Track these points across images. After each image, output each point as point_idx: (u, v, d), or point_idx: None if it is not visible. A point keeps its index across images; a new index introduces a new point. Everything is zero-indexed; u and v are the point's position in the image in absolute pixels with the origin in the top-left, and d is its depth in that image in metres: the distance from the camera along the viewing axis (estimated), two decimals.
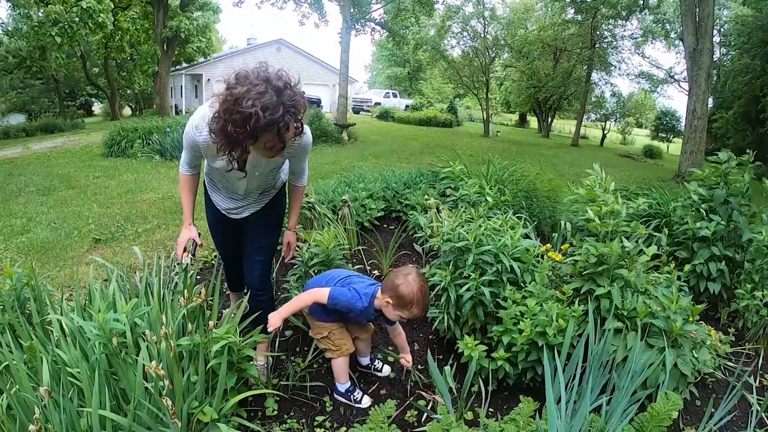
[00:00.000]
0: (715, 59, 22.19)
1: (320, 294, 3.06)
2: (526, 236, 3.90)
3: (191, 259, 3.27)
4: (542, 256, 3.88)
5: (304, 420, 3.14)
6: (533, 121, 48.25)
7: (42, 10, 23.92)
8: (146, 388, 2.48)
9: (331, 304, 3.03)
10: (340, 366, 3.29)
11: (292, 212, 3.50)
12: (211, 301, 3.25)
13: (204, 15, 35.00)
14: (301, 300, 3.14)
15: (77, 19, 23.80)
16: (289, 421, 3.10)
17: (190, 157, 3.05)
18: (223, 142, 2.43)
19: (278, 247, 3.70)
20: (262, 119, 2.26)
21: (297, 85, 2.44)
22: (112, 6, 27.46)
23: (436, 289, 3.68)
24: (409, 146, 18.44)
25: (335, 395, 3.38)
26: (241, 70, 2.39)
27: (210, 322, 2.77)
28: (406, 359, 3.39)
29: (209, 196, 3.41)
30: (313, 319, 3.21)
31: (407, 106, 40.88)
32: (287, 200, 3.59)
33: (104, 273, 4.80)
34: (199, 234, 3.31)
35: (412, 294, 2.88)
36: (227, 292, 4.10)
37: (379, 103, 40.57)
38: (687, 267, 4.19)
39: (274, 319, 2.95)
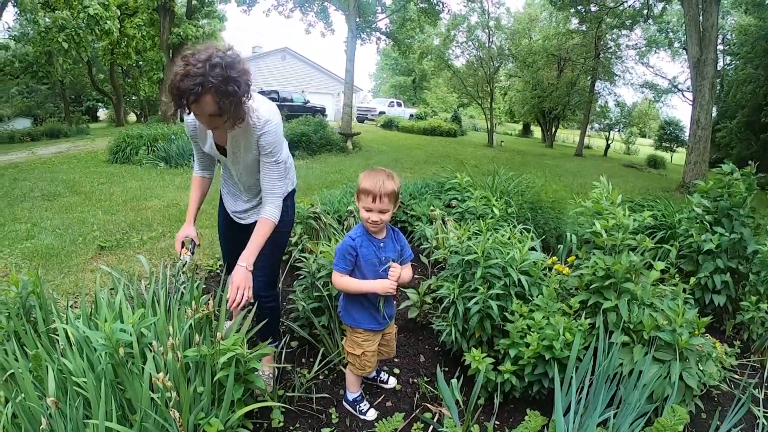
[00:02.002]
0: (718, 68, 22.18)
1: (334, 276, 3.07)
2: (533, 249, 3.88)
3: (190, 256, 3.27)
4: (549, 269, 3.87)
5: None
6: (537, 131, 48.27)
7: (49, 16, 23.96)
8: (152, 399, 2.47)
9: (337, 265, 3.02)
10: (353, 376, 3.29)
11: (249, 245, 3.04)
12: (218, 311, 3.24)
13: (210, 23, 35.11)
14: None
15: (84, 25, 23.87)
16: None
17: (196, 151, 3.32)
18: (170, 100, 2.61)
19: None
20: (177, 82, 2.49)
21: (239, 71, 2.57)
22: (119, 13, 27.54)
23: (444, 302, 3.68)
24: (413, 156, 18.45)
25: (343, 402, 3.38)
26: (201, 46, 2.60)
27: (217, 333, 2.76)
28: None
29: (221, 200, 3.56)
30: (355, 331, 3.18)
31: (411, 115, 40.88)
32: (294, 211, 3.58)
33: (109, 281, 4.80)
34: (199, 235, 3.34)
35: (363, 176, 2.90)
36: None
37: (383, 112, 40.58)
38: (692, 280, 4.18)
39: None
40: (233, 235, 3.53)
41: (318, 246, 4.15)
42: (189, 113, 2.70)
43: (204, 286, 4.21)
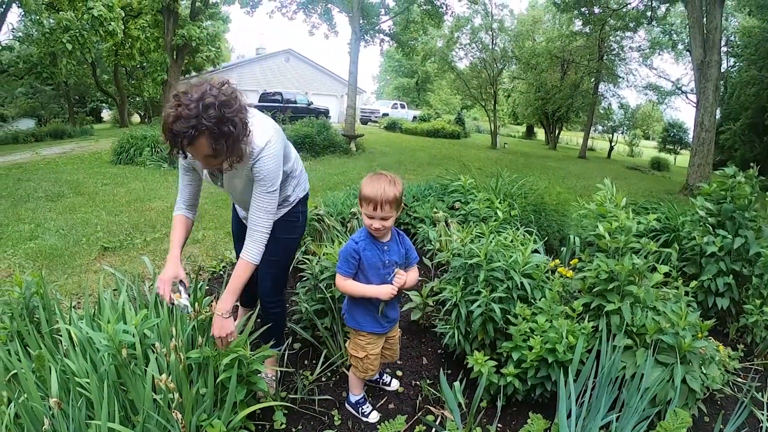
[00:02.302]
0: (722, 71, 22.17)
1: (338, 279, 3.06)
2: (536, 251, 3.87)
3: (187, 298, 2.94)
4: (552, 272, 3.86)
5: None
6: (540, 133, 48.26)
7: (53, 17, 24.03)
8: (155, 400, 2.47)
9: (341, 268, 3.01)
10: (356, 378, 3.29)
11: (228, 290, 2.92)
12: None
13: (214, 24, 35.19)
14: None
15: (88, 26, 23.93)
16: None
17: (184, 185, 3.13)
18: (164, 140, 2.52)
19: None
20: (170, 124, 2.40)
21: (234, 110, 2.49)
22: (123, 14, 27.60)
23: (446, 305, 3.68)
24: (416, 157, 18.45)
25: (346, 404, 3.38)
26: (195, 82, 2.52)
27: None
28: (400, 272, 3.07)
29: (234, 206, 3.58)
30: (358, 333, 3.18)
31: (415, 117, 40.91)
32: (306, 218, 3.53)
33: (113, 281, 4.80)
34: (188, 275, 3.14)
35: (364, 182, 2.86)
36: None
37: (387, 114, 40.63)
38: (694, 282, 4.17)
39: None
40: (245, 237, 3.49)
41: (321, 248, 4.15)
42: (185, 156, 2.66)
43: (207, 287, 4.21)
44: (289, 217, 3.27)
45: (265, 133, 2.79)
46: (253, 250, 2.91)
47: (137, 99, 43.05)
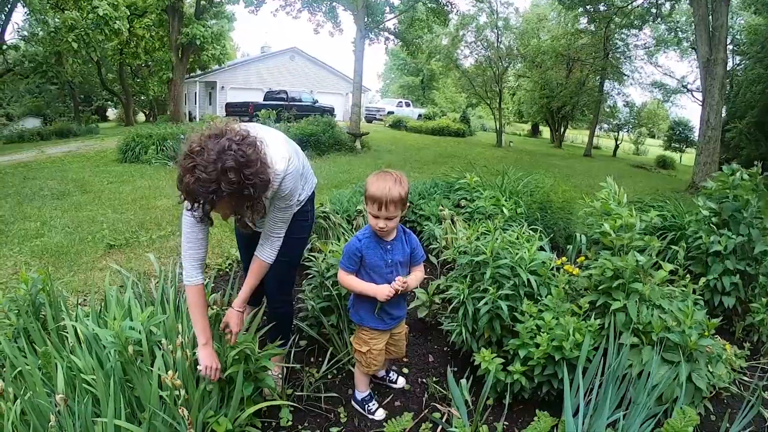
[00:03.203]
0: (728, 69, 22.09)
1: (340, 273, 3.07)
2: (541, 249, 3.86)
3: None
4: (558, 270, 3.85)
5: (318, 431, 3.12)
6: (546, 131, 48.16)
7: (58, 16, 24.07)
8: (161, 397, 2.47)
9: (343, 263, 3.02)
10: (361, 375, 3.29)
11: (243, 288, 3.02)
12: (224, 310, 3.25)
13: (219, 23, 35.20)
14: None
15: (93, 25, 23.96)
16: (303, 431, 3.08)
17: (196, 247, 2.83)
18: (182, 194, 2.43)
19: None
20: (188, 185, 2.30)
21: (254, 170, 2.37)
22: (128, 13, 27.64)
23: (453, 303, 3.67)
24: (422, 156, 18.44)
25: (352, 401, 3.38)
26: (211, 133, 2.40)
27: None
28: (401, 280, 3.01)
29: None
30: (362, 328, 3.18)
31: (420, 116, 40.87)
32: (313, 214, 3.52)
33: (118, 279, 4.81)
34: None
35: (370, 181, 2.84)
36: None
37: (392, 112, 40.60)
38: (701, 281, 4.15)
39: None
40: (249, 242, 3.42)
41: (327, 245, 4.15)
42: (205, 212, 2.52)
43: (213, 284, 4.21)
44: (300, 217, 3.23)
45: (282, 157, 2.75)
46: (270, 252, 3.00)
47: (142, 97, 43.19)
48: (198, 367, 2.66)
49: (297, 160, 2.86)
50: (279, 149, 2.76)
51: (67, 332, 2.89)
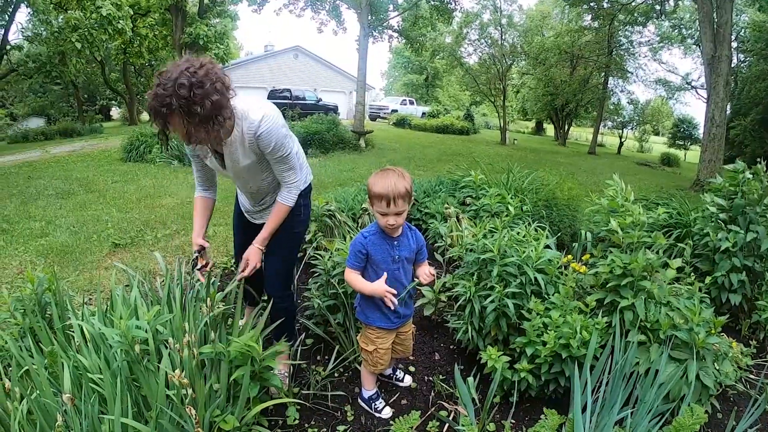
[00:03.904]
0: (732, 65, 21.99)
1: (346, 271, 3.08)
2: (547, 247, 3.85)
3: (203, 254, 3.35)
4: (565, 267, 3.84)
5: (325, 429, 3.12)
6: (550, 129, 48.11)
7: (62, 16, 24.09)
8: (168, 396, 2.46)
9: (349, 261, 3.04)
10: (368, 373, 3.29)
11: (264, 228, 3.23)
12: (233, 308, 3.25)
13: (222, 22, 35.22)
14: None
15: (96, 25, 23.98)
16: (310, 430, 3.08)
17: (196, 168, 3.34)
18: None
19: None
20: (149, 102, 2.54)
21: (206, 91, 2.51)
22: (131, 13, 27.65)
23: (460, 301, 3.66)
24: (426, 154, 18.42)
25: (359, 399, 3.38)
26: (180, 61, 2.62)
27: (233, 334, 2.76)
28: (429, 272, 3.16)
29: (237, 198, 3.62)
30: (368, 327, 3.17)
31: (424, 114, 40.87)
32: (310, 211, 3.56)
33: (124, 278, 4.81)
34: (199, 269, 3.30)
35: (372, 180, 2.86)
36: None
37: (395, 110, 40.58)
38: (708, 279, 4.13)
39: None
40: (245, 231, 3.54)
41: (333, 244, 4.14)
42: (167, 135, 2.74)
43: (219, 283, 4.21)
44: (293, 210, 3.27)
45: (260, 110, 2.85)
46: (288, 195, 3.14)
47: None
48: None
49: (278, 119, 2.92)
50: (258, 104, 2.89)
51: (73, 331, 2.89)
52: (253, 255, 3.20)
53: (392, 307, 2.92)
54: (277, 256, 3.33)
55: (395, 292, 2.90)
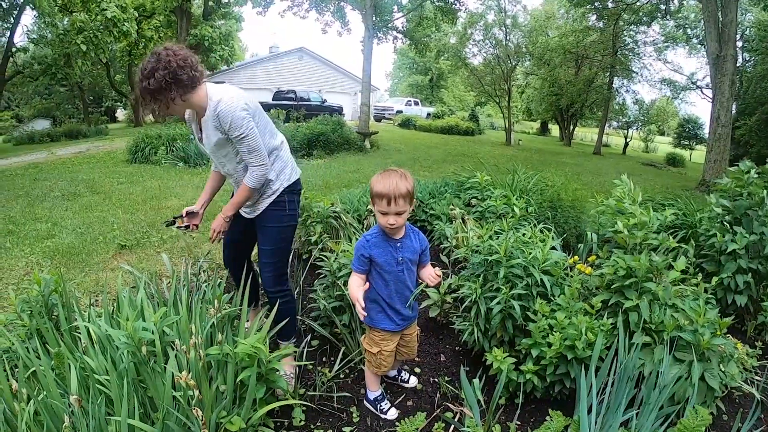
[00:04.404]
0: (737, 65, 21.85)
1: (352, 276, 3.08)
2: (553, 248, 3.84)
3: (183, 230, 3.63)
4: (570, 269, 3.83)
5: (330, 431, 3.12)
6: (555, 130, 48.04)
7: (67, 19, 24.17)
8: (174, 398, 2.47)
9: (353, 264, 3.04)
10: (372, 375, 3.29)
11: (230, 201, 3.45)
12: (239, 310, 3.26)
13: (227, 23, 35.31)
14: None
15: (101, 27, 24.05)
16: (315, 431, 3.08)
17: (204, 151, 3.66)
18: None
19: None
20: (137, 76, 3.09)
21: (163, 69, 2.96)
22: (136, 15, 27.72)
23: (465, 302, 3.66)
24: (431, 154, 18.41)
25: (364, 401, 3.38)
26: (158, 48, 3.11)
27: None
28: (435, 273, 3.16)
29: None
30: (373, 329, 3.18)
31: (429, 114, 40.86)
32: (297, 207, 3.63)
33: (130, 279, 4.82)
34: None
35: (375, 180, 2.88)
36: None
37: (400, 111, 40.56)
38: (714, 279, 4.12)
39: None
40: (235, 227, 3.62)
41: (339, 245, 4.15)
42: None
43: (225, 285, 4.22)
44: (275, 207, 3.43)
45: (224, 94, 3.17)
46: (249, 177, 3.26)
47: None
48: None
49: (237, 102, 3.15)
50: (226, 91, 3.20)
51: (79, 333, 2.90)
52: (216, 222, 3.44)
53: (361, 317, 2.95)
54: (265, 248, 3.46)
55: (363, 305, 2.90)
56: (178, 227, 3.57)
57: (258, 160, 3.22)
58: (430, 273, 3.09)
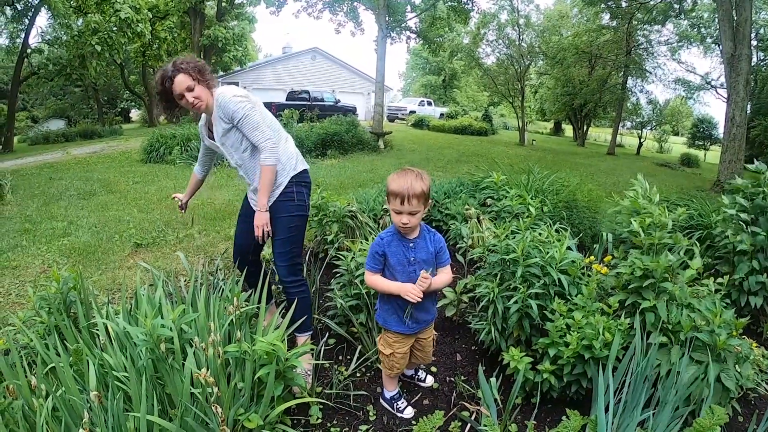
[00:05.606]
0: (752, 64, 21.63)
1: (365, 274, 3.10)
2: (569, 248, 3.83)
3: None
4: (587, 269, 3.82)
5: (347, 429, 3.12)
6: (568, 130, 47.86)
7: (81, 20, 24.33)
8: (192, 394, 2.48)
9: (368, 263, 3.05)
10: (388, 375, 3.28)
11: (258, 192, 3.51)
12: (257, 308, 3.26)
13: (240, 24, 35.40)
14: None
15: (116, 28, 24.19)
16: (332, 429, 3.08)
17: (201, 153, 4.12)
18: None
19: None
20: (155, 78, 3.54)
21: (178, 68, 3.47)
22: (150, 16, 27.87)
23: (482, 301, 3.65)
24: (445, 155, 18.37)
25: (381, 399, 3.39)
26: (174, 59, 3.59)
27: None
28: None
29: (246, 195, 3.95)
30: (387, 331, 3.18)
31: (442, 114, 40.78)
32: (305, 197, 3.70)
33: (147, 277, 4.84)
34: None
35: (391, 178, 2.89)
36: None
37: (414, 111, 40.50)
38: (726, 279, 4.09)
39: None
40: (247, 217, 3.73)
41: (356, 244, 4.15)
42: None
43: (239, 279, 4.23)
44: (283, 198, 3.56)
45: (226, 87, 3.55)
46: (264, 155, 3.44)
47: None
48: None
49: (234, 96, 3.46)
50: (224, 90, 3.53)
51: (97, 330, 2.91)
52: (257, 218, 3.51)
53: (414, 301, 2.90)
54: (277, 239, 3.59)
55: (424, 286, 2.88)
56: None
57: (263, 135, 3.43)
58: (424, 272, 2.96)
